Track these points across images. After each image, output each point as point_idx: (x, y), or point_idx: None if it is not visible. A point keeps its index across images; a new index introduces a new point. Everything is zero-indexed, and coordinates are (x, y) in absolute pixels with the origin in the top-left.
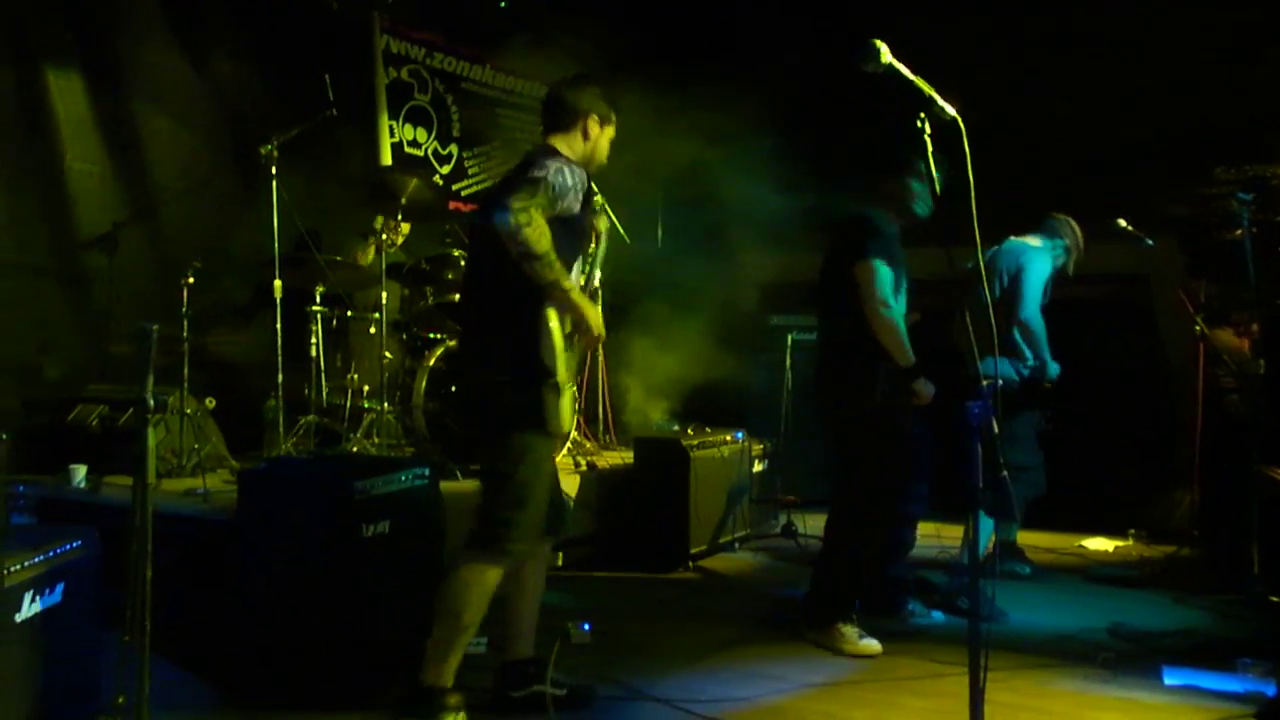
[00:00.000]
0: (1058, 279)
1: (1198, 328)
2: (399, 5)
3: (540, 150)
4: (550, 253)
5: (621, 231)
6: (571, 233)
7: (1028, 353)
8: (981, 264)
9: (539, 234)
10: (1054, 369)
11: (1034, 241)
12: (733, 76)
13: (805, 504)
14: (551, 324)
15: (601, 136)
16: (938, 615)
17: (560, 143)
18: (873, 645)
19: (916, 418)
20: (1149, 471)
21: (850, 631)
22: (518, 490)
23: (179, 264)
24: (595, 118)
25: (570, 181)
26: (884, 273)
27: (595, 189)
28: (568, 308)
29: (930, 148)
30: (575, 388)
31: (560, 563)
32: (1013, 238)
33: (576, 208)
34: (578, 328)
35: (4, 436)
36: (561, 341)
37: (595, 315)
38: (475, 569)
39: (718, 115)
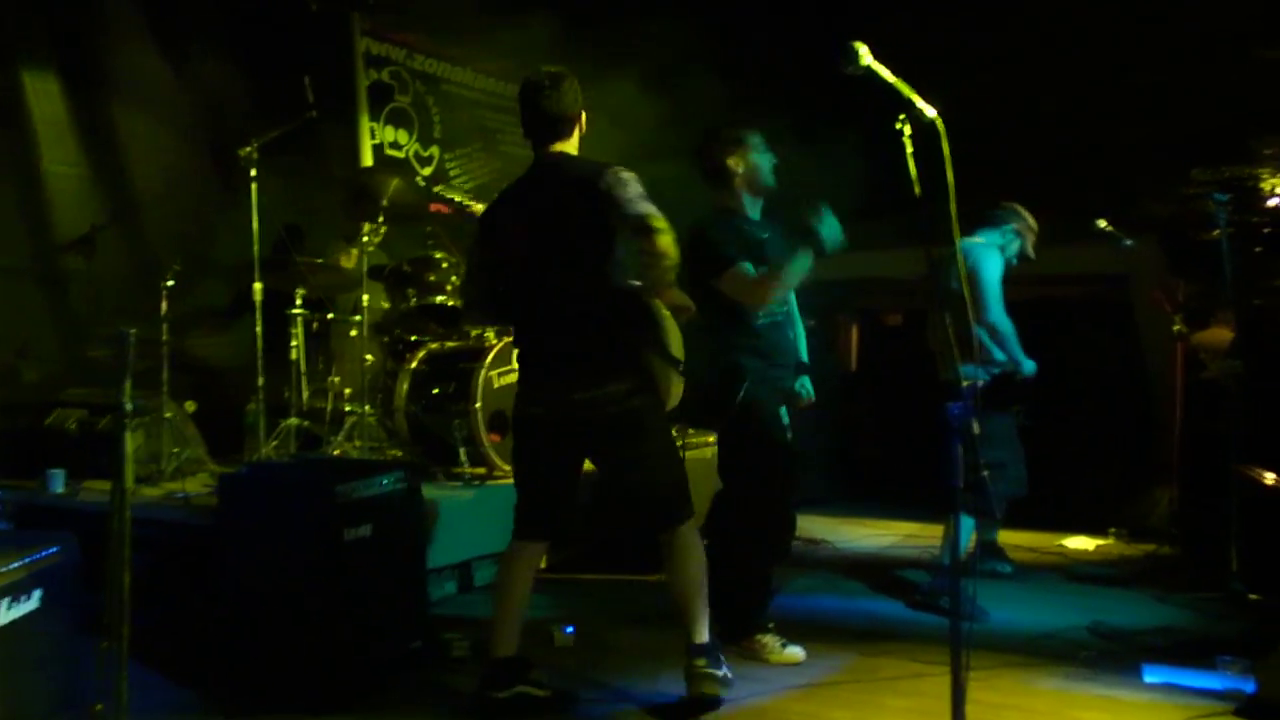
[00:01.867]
0: (1024, 265)
1: (1176, 327)
2: (379, 7)
3: (572, 160)
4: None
5: None
6: None
7: (998, 354)
8: (962, 264)
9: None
10: (1029, 366)
11: (979, 240)
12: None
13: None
14: (664, 314)
15: (583, 131)
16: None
17: (568, 148)
18: (797, 653)
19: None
20: (1129, 470)
21: (771, 641)
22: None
23: (158, 266)
24: (583, 112)
25: (641, 189)
26: (746, 268)
27: None
28: (671, 298)
29: (910, 149)
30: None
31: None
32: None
33: None
34: (680, 311)
35: None
36: (673, 327)
37: (682, 294)
38: (695, 535)
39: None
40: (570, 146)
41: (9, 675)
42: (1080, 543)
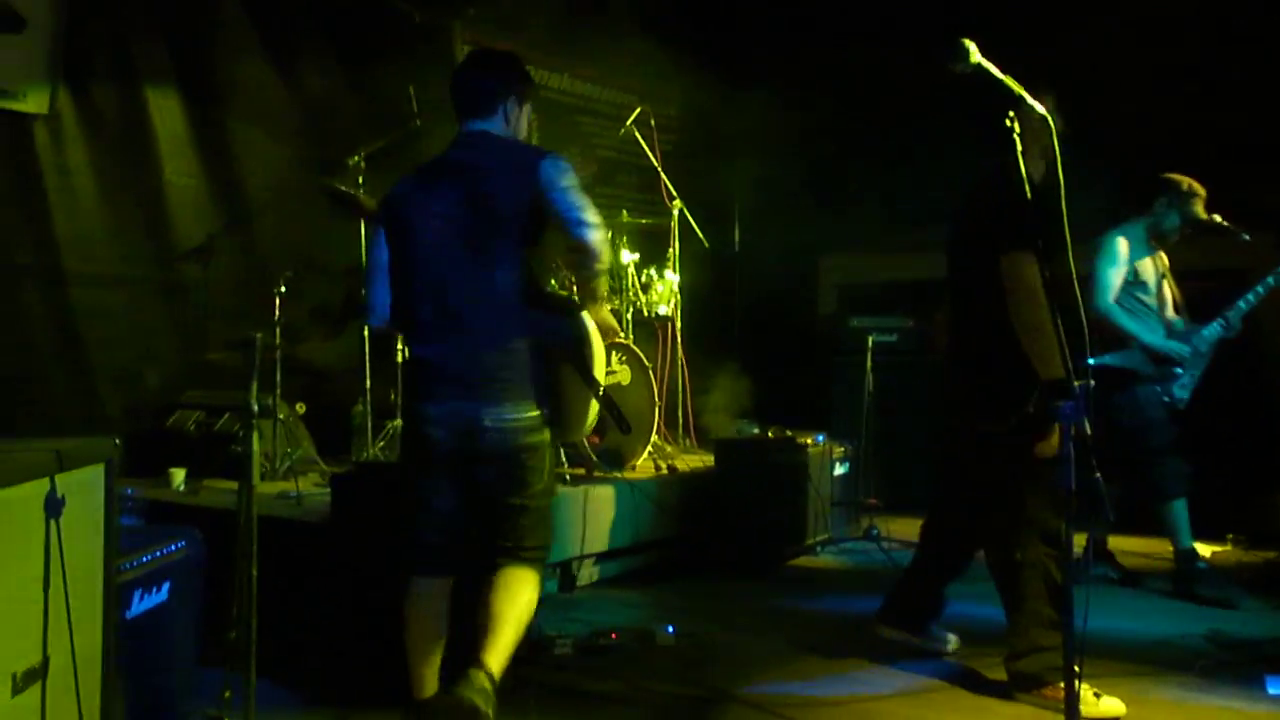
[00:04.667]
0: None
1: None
2: (480, 17)
3: (504, 141)
4: None
5: (700, 235)
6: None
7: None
8: (1072, 264)
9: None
10: (1169, 345)
11: (1122, 227)
12: (809, 76)
13: (888, 507)
14: (591, 329)
15: (525, 115)
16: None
17: (493, 127)
18: (1116, 706)
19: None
20: (1247, 474)
21: (1085, 692)
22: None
23: (271, 273)
24: (521, 96)
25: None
26: (1033, 270)
27: (674, 193)
28: (598, 316)
29: (1020, 147)
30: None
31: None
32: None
33: None
34: (606, 333)
35: (116, 441)
36: (600, 345)
37: (609, 315)
38: (534, 584)
39: (793, 115)
40: (498, 126)
41: (139, 664)
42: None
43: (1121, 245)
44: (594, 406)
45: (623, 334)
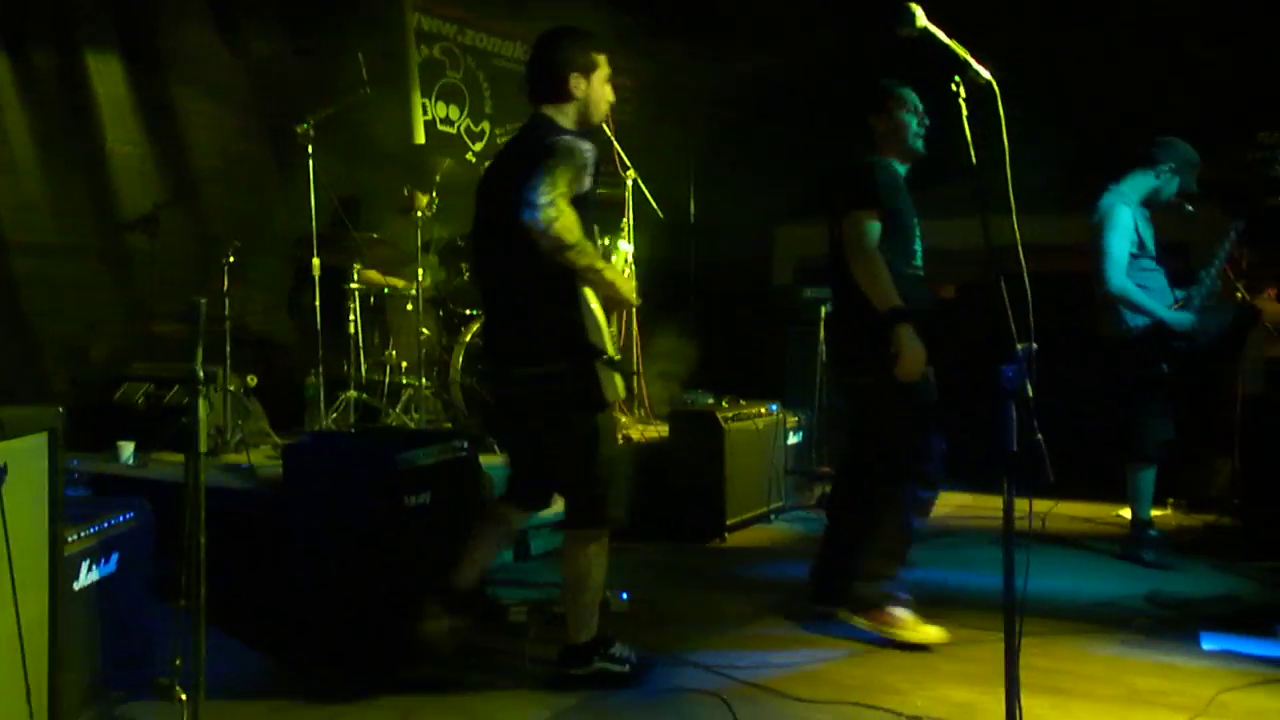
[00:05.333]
0: (1085, 235)
1: (1239, 295)
2: None
3: (540, 125)
4: (582, 239)
5: (654, 205)
6: (585, 207)
7: (1132, 319)
8: (1017, 231)
9: (569, 224)
10: (1174, 319)
11: (1119, 192)
12: (765, 46)
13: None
14: (592, 303)
15: (592, 87)
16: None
17: (554, 111)
18: (935, 632)
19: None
20: (1188, 440)
21: (905, 614)
22: (602, 469)
23: (219, 243)
24: (577, 74)
25: (583, 159)
26: (872, 227)
27: (628, 163)
28: (601, 287)
29: (965, 112)
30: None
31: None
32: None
33: (589, 183)
34: (611, 302)
35: (60, 409)
36: (602, 317)
37: (626, 284)
38: (584, 545)
39: (749, 86)
40: (558, 110)
41: (88, 636)
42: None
43: (1125, 216)
44: (605, 372)
45: (637, 300)
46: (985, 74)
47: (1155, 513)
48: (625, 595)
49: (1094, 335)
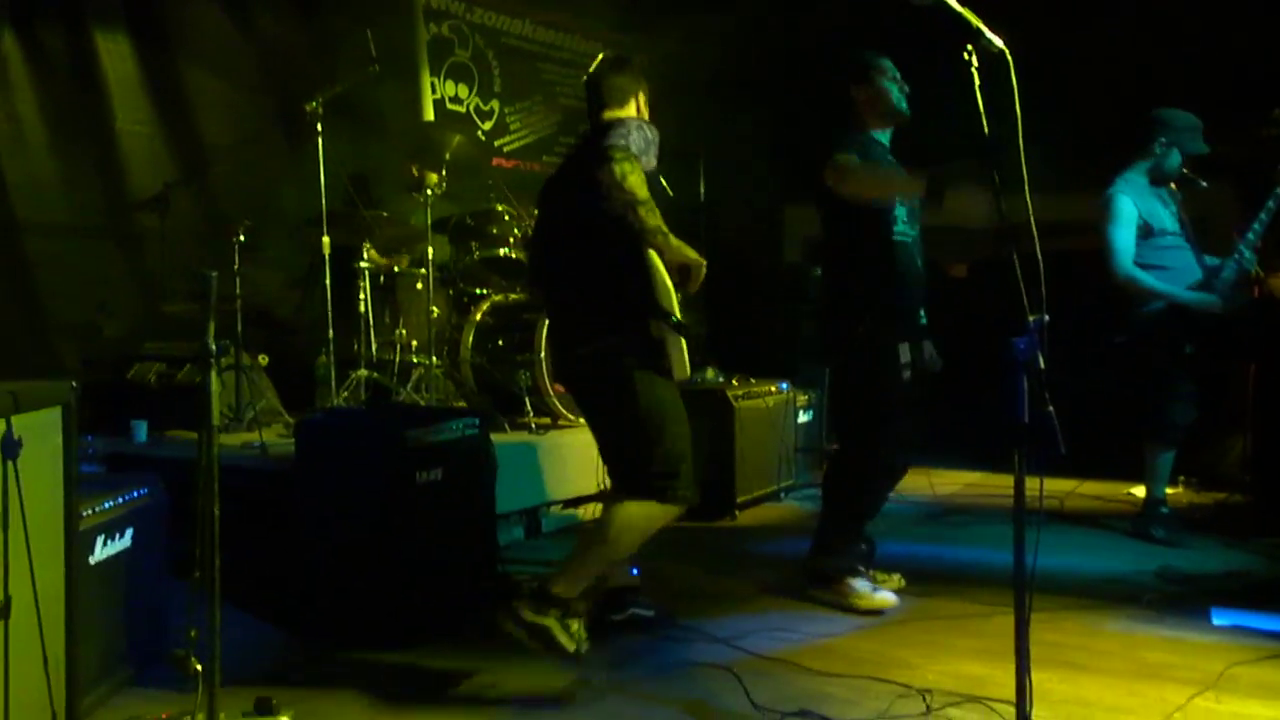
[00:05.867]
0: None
1: (1253, 271)
2: None
3: (605, 125)
4: (651, 199)
5: (664, 184)
6: (650, 188)
7: (1152, 304)
8: (1030, 207)
9: (640, 181)
10: (1193, 299)
11: (1122, 180)
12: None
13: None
14: (658, 268)
15: (644, 112)
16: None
17: (617, 115)
18: (888, 598)
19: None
20: (1200, 418)
21: (860, 584)
22: (671, 442)
23: (229, 222)
24: (643, 96)
25: (650, 136)
26: (850, 158)
27: None
28: (668, 252)
29: (977, 81)
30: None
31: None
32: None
33: (654, 163)
34: (681, 270)
35: (72, 383)
36: (670, 281)
37: (694, 253)
38: (644, 512)
39: (760, 65)
40: (623, 113)
41: (105, 609)
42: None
43: (1125, 204)
44: (674, 340)
45: (704, 264)
46: (999, 43)
47: (1168, 490)
48: (635, 570)
49: (1118, 315)
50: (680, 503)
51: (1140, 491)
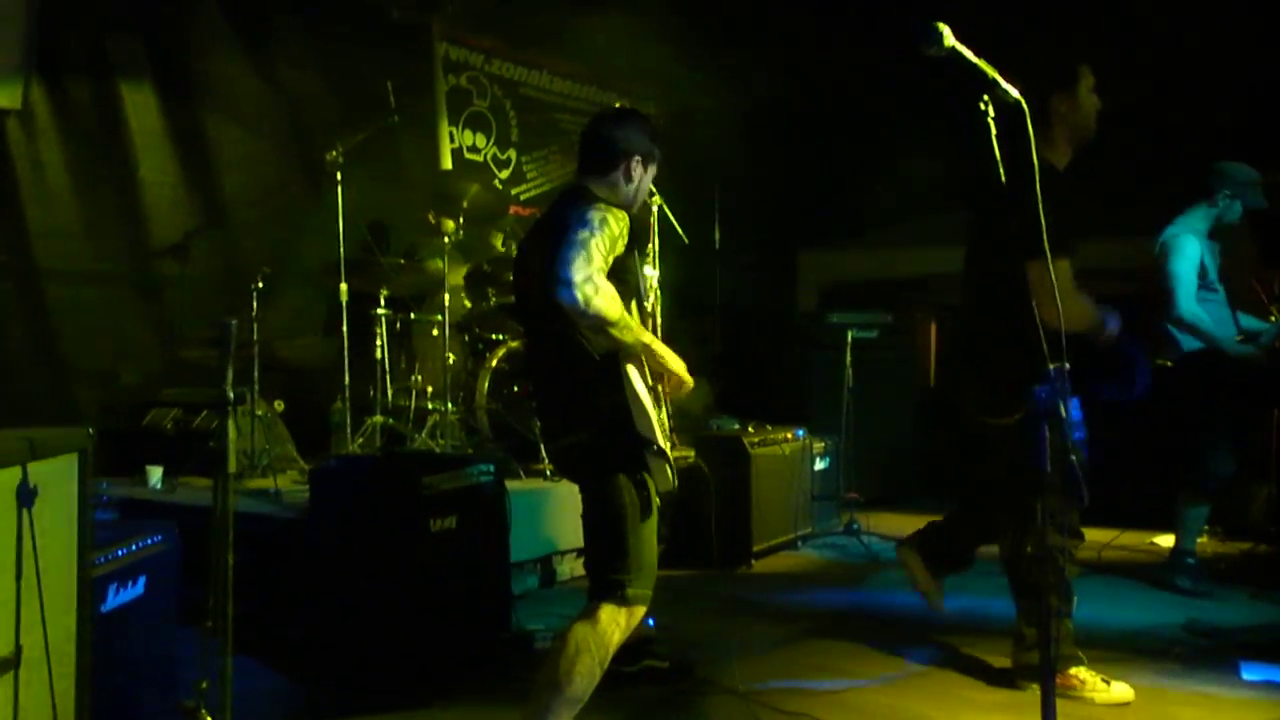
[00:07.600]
0: (1118, 259)
1: (1273, 317)
2: (458, 13)
3: (576, 196)
4: (624, 315)
5: (680, 230)
6: (619, 278)
7: (1188, 343)
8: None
9: (609, 300)
10: (1234, 349)
11: (1181, 223)
12: (790, 74)
13: (868, 502)
14: (636, 386)
15: (645, 177)
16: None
17: (597, 185)
18: (1125, 692)
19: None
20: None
21: (1091, 678)
22: (632, 540)
23: (249, 270)
24: (638, 158)
25: (617, 231)
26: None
27: (653, 189)
28: (651, 362)
29: (994, 131)
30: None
31: None
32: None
33: (622, 251)
34: (660, 377)
35: (90, 430)
36: (649, 401)
37: (677, 362)
38: (594, 628)
39: (773, 113)
40: (603, 184)
41: (115, 658)
42: (1173, 540)
43: (1190, 244)
44: (655, 459)
45: (690, 381)
46: (1014, 93)
47: None
48: (651, 621)
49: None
50: (630, 602)
51: (1164, 541)
